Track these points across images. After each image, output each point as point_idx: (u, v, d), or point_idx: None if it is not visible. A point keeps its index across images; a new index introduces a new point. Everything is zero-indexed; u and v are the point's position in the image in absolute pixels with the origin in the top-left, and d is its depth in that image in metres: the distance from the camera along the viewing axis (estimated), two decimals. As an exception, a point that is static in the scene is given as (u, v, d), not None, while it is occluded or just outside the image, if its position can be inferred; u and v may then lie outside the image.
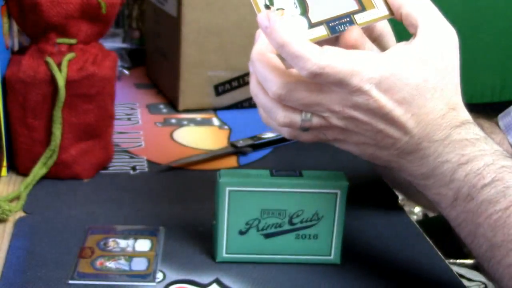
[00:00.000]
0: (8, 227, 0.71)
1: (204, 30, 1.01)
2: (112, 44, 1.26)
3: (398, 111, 0.55)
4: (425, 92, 0.56)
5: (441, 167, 0.56)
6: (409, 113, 0.55)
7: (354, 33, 0.56)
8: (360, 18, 0.57)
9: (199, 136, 0.97)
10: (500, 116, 0.83)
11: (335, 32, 0.56)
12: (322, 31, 0.56)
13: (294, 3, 0.57)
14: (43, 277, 0.62)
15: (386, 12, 0.58)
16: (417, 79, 0.55)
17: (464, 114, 0.58)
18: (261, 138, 0.93)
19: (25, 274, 0.63)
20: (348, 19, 0.57)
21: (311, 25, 0.56)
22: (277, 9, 0.56)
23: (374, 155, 0.59)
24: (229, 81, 1.05)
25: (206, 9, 1.00)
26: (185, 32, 1.00)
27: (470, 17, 1.65)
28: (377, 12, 0.58)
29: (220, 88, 1.05)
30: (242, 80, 1.05)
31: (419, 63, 0.55)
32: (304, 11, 0.57)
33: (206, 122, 1.01)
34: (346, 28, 0.56)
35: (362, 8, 0.58)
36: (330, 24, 0.56)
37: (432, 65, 0.56)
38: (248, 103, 1.06)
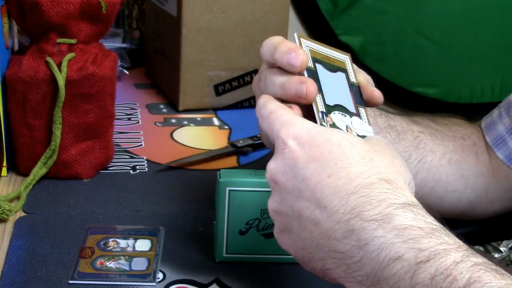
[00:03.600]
0: (8, 227, 0.71)
1: (204, 30, 1.01)
2: (112, 44, 1.26)
3: (311, 167, 0.49)
4: (349, 153, 0.48)
5: (391, 267, 0.43)
6: (325, 173, 0.48)
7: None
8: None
9: (199, 136, 0.97)
10: (483, 118, 0.82)
11: None
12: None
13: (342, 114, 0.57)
14: (43, 277, 0.62)
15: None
16: (340, 138, 0.50)
17: (408, 195, 0.47)
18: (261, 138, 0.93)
19: (25, 274, 0.63)
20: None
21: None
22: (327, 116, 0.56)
23: (307, 258, 0.50)
24: (229, 81, 1.05)
25: (206, 9, 1.00)
26: (185, 32, 1.00)
27: (470, 16, 1.65)
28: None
29: (220, 88, 1.05)
30: (242, 80, 1.05)
31: (347, 133, 0.52)
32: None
33: (206, 122, 1.01)
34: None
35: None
36: None
37: (357, 139, 0.51)
38: (248, 103, 1.06)
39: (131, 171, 0.84)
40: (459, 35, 1.67)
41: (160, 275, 0.64)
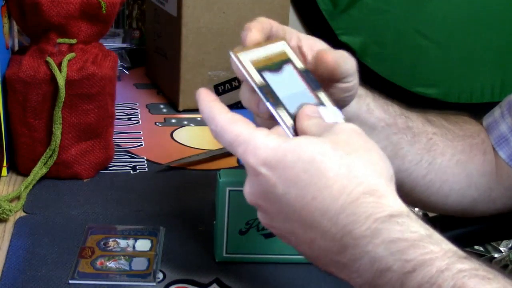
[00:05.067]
0: (8, 227, 0.71)
1: (204, 30, 1.01)
2: (112, 44, 1.26)
3: (292, 192, 0.47)
4: (324, 168, 0.47)
5: (383, 276, 0.45)
6: (308, 195, 0.47)
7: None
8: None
9: (199, 136, 0.97)
10: (484, 117, 0.83)
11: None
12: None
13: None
14: (43, 277, 0.62)
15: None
16: (310, 153, 0.47)
17: (392, 203, 0.46)
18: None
19: (25, 274, 0.63)
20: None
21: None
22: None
23: (313, 260, 0.50)
24: (229, 81, 1.05)
25: (206, 9, 1.00)
26: (185, 32, 1.00)
27: (470, 16, 1.65)
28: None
29: (220, 88, 1.05)
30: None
31: (313, 139, 0.49)
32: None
33: (206, 122, 1.01)
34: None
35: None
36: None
37: (330, 142, 0.48)
38: (248, 103, 1.06)
39: (131, 171, 0.84)
40: (459, 35, 1.67)
41: (160, 275, 0.64)
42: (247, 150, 0.49)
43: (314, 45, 0.61)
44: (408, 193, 0.78)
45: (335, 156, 0.47)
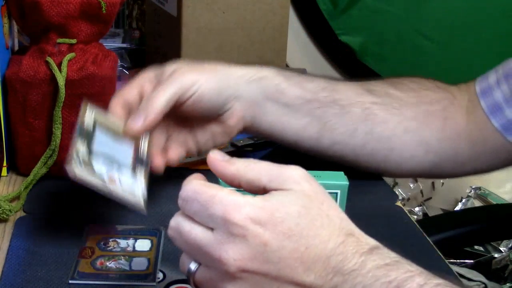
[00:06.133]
0: (8, 227, 0.71)
1: (204, 30, 1.01)
2: (112, 44, 1.26)
3: (287, 245, 0.49)
4: (310, 219, 0.50)
5: None
6: (302, 246, 0.49)
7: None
8: None
9: (199, 136, 0.97)
10: (477, 80, 0.82)
11: None
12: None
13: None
14: (43, 277, 0.62)
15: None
16: (294, 208, 0.50)
17: (367, 239, 0.52)
18: (261, 138, 0.93)
19: (25, 274, 0.63)
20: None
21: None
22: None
23: None
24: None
25: (206, 9, 1.00)
26: (185, 32, 1.00)
27: (470, 16, 1.65)
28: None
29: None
30: (242, 80, 1.05)
31: (289, 195, 0.51)
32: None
33: (206, 122, 1.01)
34: None
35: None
36: None
37: (303, 196, 0.51)
38: (248, 103, 1.06)
39: (131, 171, 0.84)
40: (459, 35, 1.67)
41: (160, 275, 0.64)
42: (228, 209, 0.49)
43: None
44: (353, 164, 0.79)
45: (315, 207, 0.51)
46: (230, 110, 0.74)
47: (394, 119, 0.78)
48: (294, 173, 0.52)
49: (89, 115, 0.64)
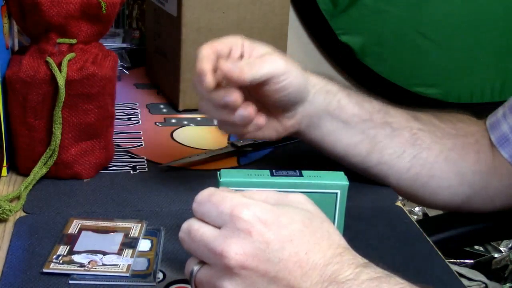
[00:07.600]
0: (8, 227, 0.71)
1: (204, 30, 1.01)
2: (112, 44, 1.26)
3: (287, 248, 0.51)
4: (313, 229, 0.53)
5: None
6: (302, 251, 0.51)
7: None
8: None
9: (199, 136, 0.97)
10: (489, 116, 0.85)
11: None
12: None
13: None
14: (43, 277, 0.62)
15: None
16: (299, 217, 0.53)
17: (360, 257, 0.54)
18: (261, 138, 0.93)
19: (25, 274, 0.63)
20: None
21: None
22: None
23: None
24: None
25: (206, 9, 1.00)
26: (185, 32, 1.00)
27: (470, 17, 1.65)
28: None
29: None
30: (242, 80, 1.05)
31: (296, 208, 0.54)
32: None
33: (206, 122, 1.01)
34: None
35: None
36: None
37: (307, 211, 0.54)
38: (248, 103, 1.06)
39: (131, 171, 0.84)
40: (459, 35, 1.67)
41: (160, 275, 0.64)
42: (237, 206, 0.51)
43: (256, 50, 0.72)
44: (394, 187, 0.81)
45: (317, 222, 0.54)
46: (294, 111, 0.76)
47: (437, 147, 0.80)
48: (299, 197, 0.55)
49: None
